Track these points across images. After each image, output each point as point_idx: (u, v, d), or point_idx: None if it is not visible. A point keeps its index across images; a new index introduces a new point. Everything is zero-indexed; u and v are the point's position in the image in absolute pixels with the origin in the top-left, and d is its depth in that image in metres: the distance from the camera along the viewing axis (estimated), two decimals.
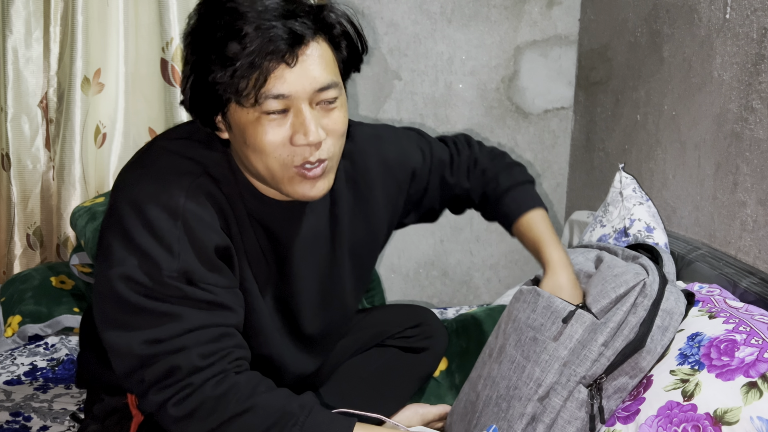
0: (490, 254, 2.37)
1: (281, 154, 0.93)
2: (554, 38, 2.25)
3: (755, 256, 1.32)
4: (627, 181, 1.69)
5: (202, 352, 0.92)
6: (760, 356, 0.94)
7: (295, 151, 0.93)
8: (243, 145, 0.95)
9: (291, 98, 0.91)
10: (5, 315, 1.83)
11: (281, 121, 0.92)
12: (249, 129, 0.93)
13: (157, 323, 0.92)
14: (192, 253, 0.93)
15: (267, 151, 0.93)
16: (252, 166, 0.97)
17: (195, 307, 0.93)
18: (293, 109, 0.92)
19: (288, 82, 0.90)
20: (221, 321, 0.95)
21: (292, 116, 0.93)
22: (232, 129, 0.95)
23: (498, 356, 1.17)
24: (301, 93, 0.92)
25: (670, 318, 1.05)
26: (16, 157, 2.06)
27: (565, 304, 1.09)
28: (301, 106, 0.92)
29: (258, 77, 0.89)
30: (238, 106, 0.91)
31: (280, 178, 0.96)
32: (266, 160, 0.94)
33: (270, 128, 0.92)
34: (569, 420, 1.05)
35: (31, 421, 1.37)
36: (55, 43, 2.04)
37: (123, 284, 0.92)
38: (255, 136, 0.92)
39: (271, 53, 0.88)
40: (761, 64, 1.30)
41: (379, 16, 2.16)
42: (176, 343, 0.92)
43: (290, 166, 0.94)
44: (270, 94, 0.90)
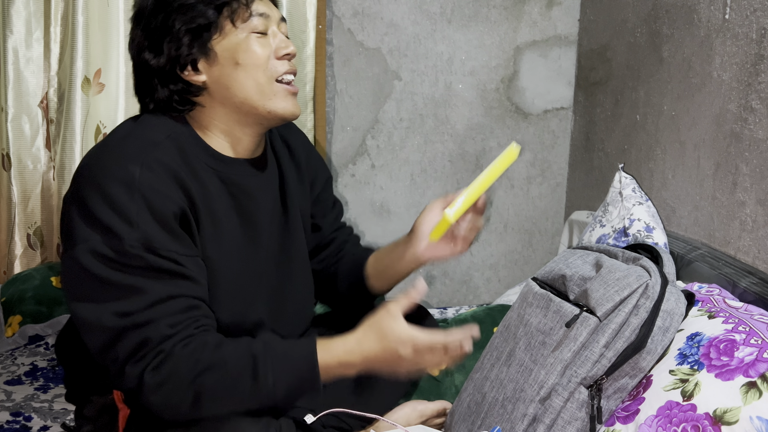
0: (490, 254, 2.37)
1: (269, 66, 1.07)
2: (554, 38, 2.25)
3: (754, 256, 1.32)
4: (626, 181, 1.69)
5: (170, 322, 0.96)
6: (760, 356, 0.94)
7: (279, 63, 1.08)
8: (233, 68, 1.06)
9: (269, 19, 1.08)
10: (6, 315, 1.83)
11: (264, 39, 1.08)
12: (241, 46, 1.06)
13: (124, 296, 0.96)
14: (152, 222, 0.97)
15: (259, 63, 1.06)
16: (241, 89, 1.06)
17: (159, 278, 0.97)
18: (270, 31, 1.09)
19: (265, 5, 1.09)
20: (186, 292, 0.99)
21: (270, 36, 1.09)
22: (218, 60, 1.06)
23: (507, 359, 1.17)
24: (274, 15, 1.10)
25: (671, 318, 1.05)
26: (16, 157, 2.06)
27: (573, 307, 1.09)
28: (275, 27, 1.10)
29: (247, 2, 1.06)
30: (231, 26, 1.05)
31: (268, 93, 1.07)
32: (257, 74, 1.06)
33: (259, 43, 1.07)
34: (569, 420, 1.06)
35: (31, 421, 1.37)
36: (56, 43, 2.04)
37: (88, 258, 0.96)
38: (247, 50, 1.06)
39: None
40: (761, 64, 1.30)
41: (379, 16, 2.16)
42: (144, 315, 0.96)
43: (275, 80, 1.08)
44: (257, 12, 1.07)
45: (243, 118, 1.09)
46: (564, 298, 1.15)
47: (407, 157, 2.27)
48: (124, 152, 1.01)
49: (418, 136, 2.26)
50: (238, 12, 1.05)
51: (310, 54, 2.08)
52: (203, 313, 1.01)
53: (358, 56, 2.18)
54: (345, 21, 2.16)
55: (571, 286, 1.15)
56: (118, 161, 0.99)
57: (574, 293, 1.13)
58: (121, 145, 1.03)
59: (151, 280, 0.97)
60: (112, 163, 1.00)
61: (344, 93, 2.21)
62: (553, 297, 1.14)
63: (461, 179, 2.30)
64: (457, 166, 2.29)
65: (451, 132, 2.27)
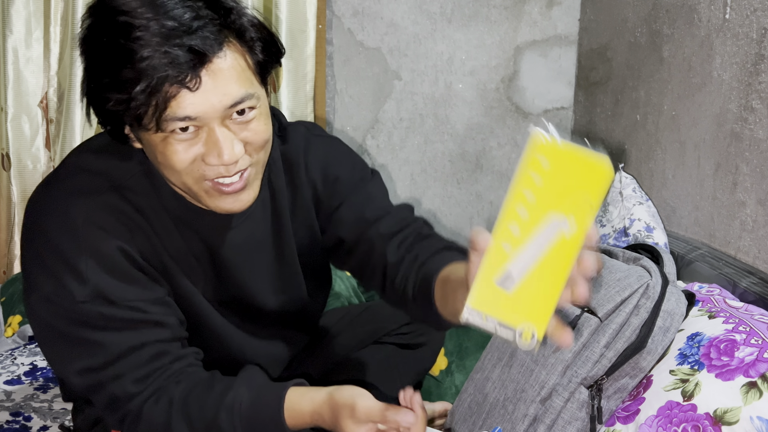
0: None
1: (193, 169, 0.87)
2: (554, 38, 2.25)
3: (755, 256, 1.32)
4: (627, 181, 1.69)
5: (136, 377, 0.91)
6: (760, 356, 0.94)
7: (208, 168, 0.87)
8: (154, 160, 0.89)
9: (199, 119, 0.84)
10: (5, 315, 1.83)
11: (192, 139, 0.85)
12: (158, 147, 0.86)
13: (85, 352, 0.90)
14: (101, 272, 0.90)
15: (177, 169, 0.87)
16: (167, 179, 0.91)
17: (120, 329, 0.91)
18: (205, 127, 0.85)
19: (194, 104, 0.82)
20: (152, 338, 0.92)
21: (205, 134, 0.85)
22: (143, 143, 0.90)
23: (509, 360, 1.17)
24: (211, 112, 0.84)
25: (671, 319, 1.05)
26: (16, 157, 2.06)
27: (574, 308, 1.09)
28: (213, 125, 0.85)
29: (157, 104, 0.81)
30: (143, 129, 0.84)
31: (196, 192, 0.90)
32: (178, 176, 0.88)
33: (180, 147, 0.85)
34: (569, 420, 1.06)
35: (31, 421, 1.37)
36: (56, 43, 2.04)
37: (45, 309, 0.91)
38: (164, 155, 0.86)
39: (170, 79, 0.80)
40: (761, 64, 1.30)
41: (379, 16, 2.16)
42: (109, 372, 0.90)
43: (203, 180, 0.88)
44: (174, 117, 0.82)
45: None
46: None
47: (407, 157, 2.27)
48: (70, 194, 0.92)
49: (418, 136, 2.26)
50: (145, 123, 0.82)
51: (310, 54, 2.08)
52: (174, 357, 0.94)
53: (358, 56, 2.18)
54: (345, 21, 2.15)
55: None
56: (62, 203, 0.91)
57: None
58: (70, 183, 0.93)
59: (111, 332, 0.90)
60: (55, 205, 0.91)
61: (344, 93, 2.20)
62: None
63: (461, 179, 2.30)
64: (457, 166, 2.29)
65: (451, 132, 2.27)
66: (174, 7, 0.82)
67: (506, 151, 2.31)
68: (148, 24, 0.80)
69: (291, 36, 2.07)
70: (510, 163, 2.31)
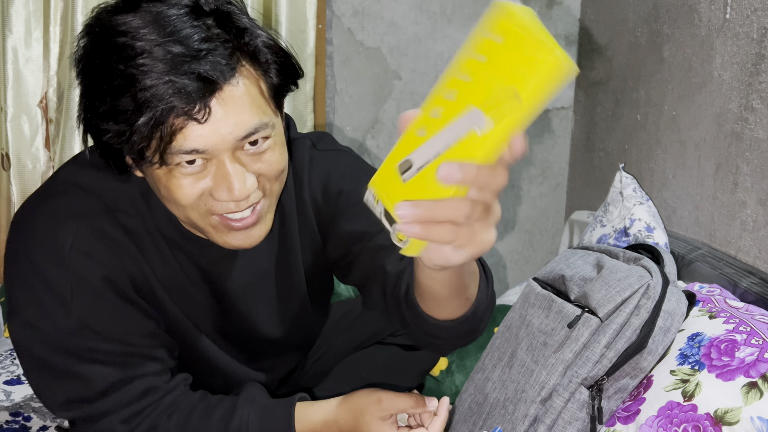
0: (490, 254, 2.37)
1: (200, 204, 0.79)
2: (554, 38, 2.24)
3: (755, 256, 1.32)
4: (627, 181, 1.69)
5: (124, 416, 0.86)
6: (761, 356, 0.94)
7: (216, 203, 0.79)
8: (158, 193, 0.82)
9: (208, 152, 0.76)
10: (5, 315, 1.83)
11: (200, 173, 0.77)
12: (161, 181, 0.78)
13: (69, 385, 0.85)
14: (88, 302, 0.84)
15: (183, 204, 0.79)
16: (172, 210, 0.83)
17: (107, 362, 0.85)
18: (214, 160, 0.77)
19: (202, 136, 0.74)
20: (140, 372, 0.87)
21: (213, 167, 0.77)
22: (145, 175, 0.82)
23: (509, 360, 1.17)
24: (220, 145, 0.75)
25: (672, 319, 1.05)
26: (15, 157, 2.06)
27: (575, 308, 1.09)
28: (223, 158, 0.76)
29: (161, 137, 0.72)
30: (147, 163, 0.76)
31: (202, 227, 0.82)
32: (183, 211, 0.81)
33: (186, 182, 0.77)
34: (569, 421, 1.06)
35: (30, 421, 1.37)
36: (55, 42, 2.03)
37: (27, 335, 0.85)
38: (168, 189, 0.78)
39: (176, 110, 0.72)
40: (761, 64, 1.30)
41: (379, 16, 2.16)
42: (95, 407, 0.86)
43: (211, 215, 0.81)
44: (180, 150, 0.74)
45: None
46: (565, 298, 1.15)
47: None
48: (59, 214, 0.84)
49: None
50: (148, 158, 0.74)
51: (310, 54, 2.08)
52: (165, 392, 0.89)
53: (358, 56, 2.18)
54: (345, 20, 2.15)
55: (571, 286, 1.14)
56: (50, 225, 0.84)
57: (574, 293, 1.13)
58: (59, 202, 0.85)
59: (97, 365, 0.84)
60: (43, 227, 0.84)
61: (344, 93, 2.20)
62: (555, 298, 1.14)
63: None
64: None
65: None
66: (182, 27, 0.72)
67: None
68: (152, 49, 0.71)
69: (291, 36, 2.06)
70: None
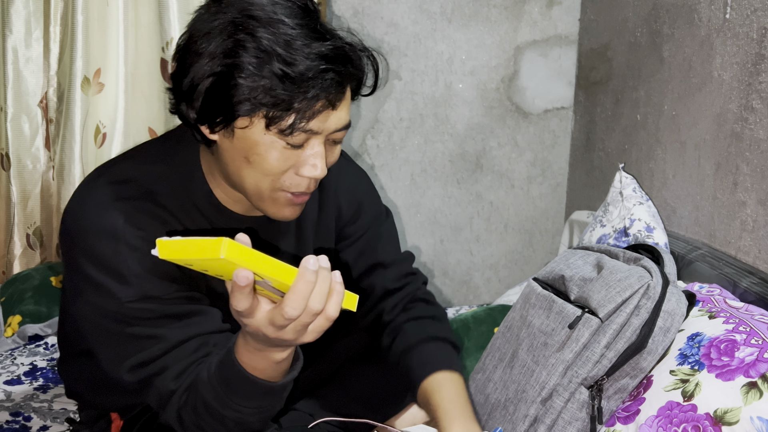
0: (490, 254, 2.37)
1: (278, 176, 0.91)
2: (554, 38, 2.24)
3: (755, 256, 1.32)
4: (627, 181, 1.69)
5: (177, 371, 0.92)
6: (760, 356, 0.94)
7: (295, 180, 0.92)
8: (241, 158, 0.91)
9: (315, 135, 0.90)
10: (5, 315, 1.83)
11: (290, 153, 0.90)
12: (259, 147, 0.89)
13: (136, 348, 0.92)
14: (144, 271, 0.91)
15: (267, 172, 0.91)
16: (238, 178, 0.93)
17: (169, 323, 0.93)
18: (309, 144, 0.91)
19: (320, 122, 0.89)
20: (199, 331, 0.94)
21: (306, 147, 0.91)
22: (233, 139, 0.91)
23: (510, 361, 1.17)
24: (327, 132, 0.91)
25: (672, 319, 1.05)
26: (16, 157, 2.06)
27: (576, 309, 1.09)
28: (321, 141, 0.91)
29: (302, 113, 0.87)
30: (262, 125, 0.88)
31: (266, 197, 0.94)
32: (261, 179, 0.92)
33: (282, 154, 0.90)
34: (569, 421, 1.06)
35: (31, 421, 1.37)
36: (55, 42, 2.04)
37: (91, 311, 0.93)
38: (263, 157, 0.89)
39: (321, 96, 0.87)
40: (761, 64, 1.30)
41: (379, 16, 2.16)
42: (159, 364, 0.92)
43: (281, 190, 0.93)
44: (301, 128, 0.88)
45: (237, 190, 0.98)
46: (565, 298, 1.15)
47: (407, 157, 2.27)
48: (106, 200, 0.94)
49: (418, 136, 2.26)
50: (276, 124, 0.87)
51: None
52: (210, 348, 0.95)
53: None
54: (345, 20, 2.15)
55: (571, 286, 1.15)
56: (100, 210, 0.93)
57: (574, 294, 1.13)
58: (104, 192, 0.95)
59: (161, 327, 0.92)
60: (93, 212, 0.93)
61: None
62: (556, 298, 1.14)
63: (461, 179, 2.30)
64: (457, 166, 2.29)
65: (451, 132, 2.27)
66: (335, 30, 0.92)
67: (506, 151, 2.30)
68: (307, 43, 0.86)
69: None
70: (510, 163, 2.31)
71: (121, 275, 0.91)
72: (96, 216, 0.93)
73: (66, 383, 1.21)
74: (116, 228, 0.91)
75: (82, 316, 0.95)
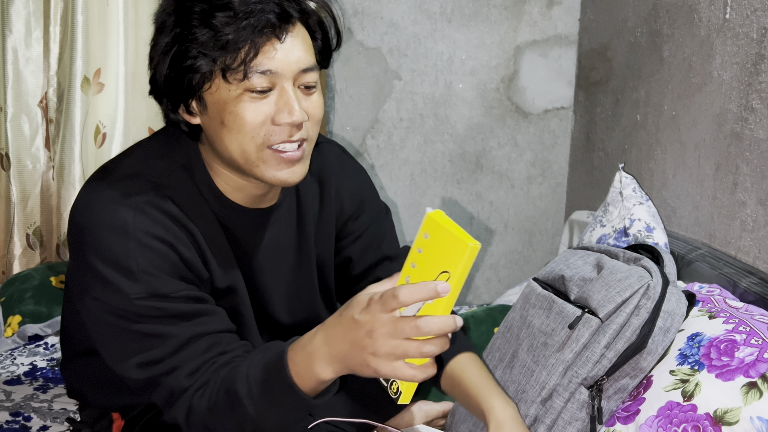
0: (490, 254, 2.37)
1: (259, 133, 0.92)
2: (554, 38, 2.25)
3: (755, 256, 1.32)
4: (627, 181, 1.69)
5: (189, 370, 0.92)
6: (760, 356, 0.94)
7: (275, 130, 0.92)
8: (219, 126, 0.93)
9: (276, 75, 0.91)
10: (5, 315, 1.83)
11: (264, 100, 0.92)
12: (229, 106, 0.91)
13: (145, 346, 0.92)
14: (153, 270, 0.92)
15: (245, 130, 0.92)
16: (225, 149, 0.95)
17: (177, 321, 0.92)
18: (277, 88, 0.92)
19: (275, 59, 0.90)
20: (208, 329, 0.94)
21: (276, 95, 0.92)
22: (207, 110, 0.94)
23: (511, 361, 1.17)
24: (287, 71, 0.92)
25: (672, 319, 1.05)
26: (15, 157, 2.06)
27: (576, 309, 1.09)
28: (285, 84, 0.92)
29: (249, 50, 0.89)
30: (223, 81, 0.90)
31: (254, 160, 0.94)
32: (242, 140, 0.92)
33: (252, 106, 0.91)
34: (569, 421, 1.06)
35: (31, 421, 1.37)
36: (55, 43, 2.04)
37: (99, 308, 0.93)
38: (235, 113, 0.91)
39: (263, 27, 0.89)
40: (761, 64, 1.30)
41: (379, 16, 2.16)
42: (169, 363, 0.92)
43: (266, 147, 0.93)
44: (258, 69, 0.90)
45: (235, 171, 0.99)
46: (564, 298, 1.15)
47: (407, 157, 2.27)
48: (115, 196, 0.94)
49: (418, 136, 2.26)
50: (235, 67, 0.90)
51: None
52: (222, 349, 0.95)
53: (357, 56, 2.18)
54: (345, 20, 2.15)
55: (571, 286, 1.15)
56: (109, 206, 0.93)
57: (574, 294, 1.13)
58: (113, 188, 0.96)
59: (169, 325, 0.92)
60: (103, 207, 0.94)
61: (344, 93, 2.20)
62: (556, 298, 1.14)
63: (461, 179, 2.30)
64: (457, 166, 2.29)
65: (451, 132, 2.27)
66: None
67: (506, 151, 2.30)
68: None
69: None
70: (510, 163, 2.31)
71: (129, 271, 0.91)
72: (105, 212, 0.93)
73: (68, 383, 1.21)
74: (126, 224, 0.91)
75: (90, 313, 0.95)
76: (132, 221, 0.92)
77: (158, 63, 0.93)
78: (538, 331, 1.14)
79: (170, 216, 0.95)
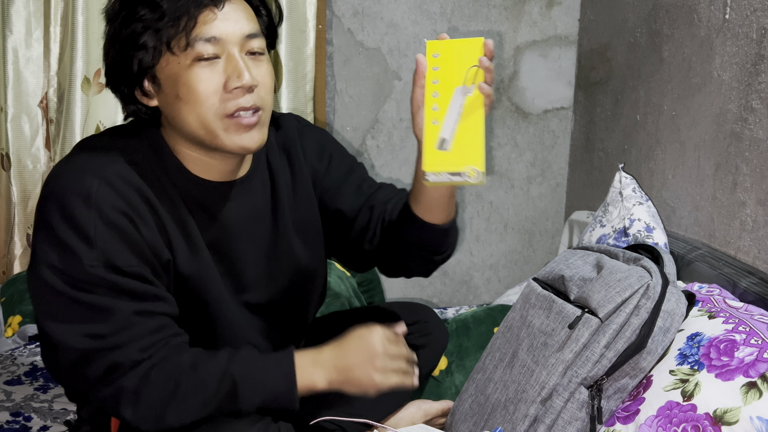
0: (490, 254, 2.37)
1: (215, 102, 0.95)
2: (554, 38, 2.25)
3: (755, 256, 1.32)
4: (627, 181, 1.69)
5: (141, 346, 0.94)
6: (760, 356, 0.94)
7: (228, 97, 0.95)
8: (175, 100, 0.96)
9: (222, 42, 0.94)
10: (5, 315, 1.83)
11: (213, 68, 0.95)
12: (182, 78, 0.94)
13: (91, 317, 0.94)
14: (111, 239, 0.94)
15: (200, 100, 0.95)
16: (185, 123, 0.97)
17: (126, 298, 0.94)
18: (225, 55, 0.95)
19: (218, 27, 0.94)
20: (156, 309, 0.96)
21: (224, 62, 0.95)
22: (162, 88, 0.97)
23: (511, 361, 1.17)
24: (232, 37, 0.95)
25: (672, 319, 1.05)
26: (16, 157, 2.06)
27: (575, 309, 1.09)
28: (233, 50, 0.95)
29: (187, 22, 0.92)
30: (171, 55, 0.93)
31: (214, 129, 0.97)
32: (200, 110, 0.95)
33: (203, 74, 0.94)
34: (569, 421, 1.06)
35: (31, 421, 1.37)
36: (55, 43, 2.03)
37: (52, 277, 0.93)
38: (188, 84, 0.94)
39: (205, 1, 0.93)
40: (761, 64, 1.30)
41: (379, 16, 2.16)
42: (115, 339, 0.93)
43: (223, 116, 0.96)
44: (202, 37, 0.93)
45: (199, 146, 1.01)
46: (564, 298, 1.15)
47: (407, 157, 2.27)
48: (85, 165, 0.97)
49: None
50: (175, 39, 0.93)
51: (310, 54, 2.08)
52: (174, 332, 0.98)
53: (358, 56, 2.18)
54: (345, 21, 2.15)
55: (571, 286, 1.15)
56: (77, 174, 0.96)
57: (573, 294, 1.13)
58: (83, 158, 1.00)
59: (118, 299, 0.94)
60: (71, 175, 0.97)
61: (344, 93, 2.21)
62: (556, 298, 1.14)
63: None
64: None
65: None
66: None
67: (506, 151, 2.31)
68: None
69: (291, 36, 2.07)
70: (510, 163, 2.31)
71: (87, 236, 0.92)
72: (72, 179, 0.96)
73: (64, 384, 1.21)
74: (90, 192, 0.94)
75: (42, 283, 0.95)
76: (96, 190, 0.94)
77: (110, 50, 0.98)
78: (538, 331, 1.14)
79: (137, 190, 0.98)
